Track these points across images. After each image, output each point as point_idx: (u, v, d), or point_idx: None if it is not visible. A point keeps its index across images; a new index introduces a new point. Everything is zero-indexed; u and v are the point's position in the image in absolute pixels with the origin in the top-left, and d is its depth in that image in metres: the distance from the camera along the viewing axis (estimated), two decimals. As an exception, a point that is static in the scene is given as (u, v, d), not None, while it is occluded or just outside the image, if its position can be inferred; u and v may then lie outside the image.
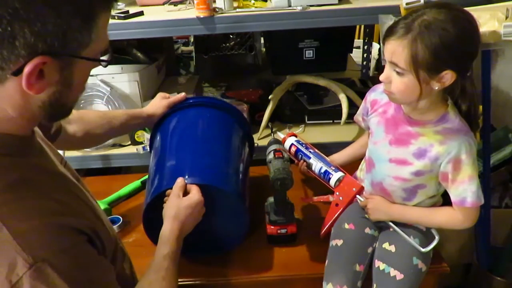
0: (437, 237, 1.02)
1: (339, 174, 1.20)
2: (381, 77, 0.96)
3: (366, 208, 1.13)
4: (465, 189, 0.98)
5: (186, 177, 1.03)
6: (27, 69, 0.56)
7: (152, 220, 1.05)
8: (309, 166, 1.26)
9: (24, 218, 0.60)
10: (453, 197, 1.01)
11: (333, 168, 1.22)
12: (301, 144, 1.31)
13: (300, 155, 1.29)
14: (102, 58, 0.68)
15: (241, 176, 1.16)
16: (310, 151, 1.28)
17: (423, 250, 1.02)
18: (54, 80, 0.60)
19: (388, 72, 0.94)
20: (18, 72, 0.56)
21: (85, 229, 0.68)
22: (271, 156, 1.17)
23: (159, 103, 1.25)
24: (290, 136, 1.35)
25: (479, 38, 0.92)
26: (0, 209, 0.58)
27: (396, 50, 0.89)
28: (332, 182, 1.21)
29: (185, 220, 0.96)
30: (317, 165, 1.24)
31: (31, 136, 0.70)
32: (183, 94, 1.27)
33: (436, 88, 0.91)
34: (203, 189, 1.02)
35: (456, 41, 0.86)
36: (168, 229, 0.94)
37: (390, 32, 0.91)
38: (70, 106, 0.69)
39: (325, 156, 1.27)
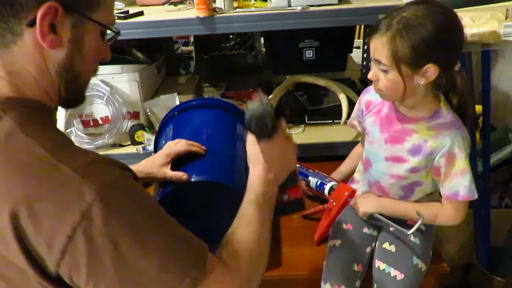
0: (421, 218, 1.01)
1: (332, 183, 1.27)
2: (369, 76, 0.98)
3: (355, 203, 1.13)
4: (458, 182, 0.99)
5: (194, 175, 1.04)
6: (40, 13, 0.59)
7: None
8: (307, 184, 1.34)
9: (78, 156, 0.62)
10: (445, 191, 1.01)
11: (327, 180, 1.29)
12: (302, 167, 1.40)
13: (301, 176, 1.36)
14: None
15: (246, 174, 1.17)
16: (309, 171, 1.37)
17: (409, 232, 1.01)
18: (66, 39, 0.63)
19: (375, 70, 0.96)
20: (33, 23, 0.60)
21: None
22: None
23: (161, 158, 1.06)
24: None
25: (461, 32, 0.93)
26: (55, 153, 0.60)
27: (377, 47, 0.92)
28: (326, 191, 1.27)
29: (270, 161, 0.86)
30: (313, 181, 1.32)
31: (55, 110, 0.72)
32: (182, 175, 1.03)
33: (422, 82, 0.93)
34: (211, 187, 1.03)
35: (434, 35, 0.87)
36: (253, 176, 0.87)
37: (373, 30, 0.93)
38: (84, 83, 0.71)
39: (324, 174, 1.34)
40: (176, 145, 1.08)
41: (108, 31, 0.70)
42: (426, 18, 0.87)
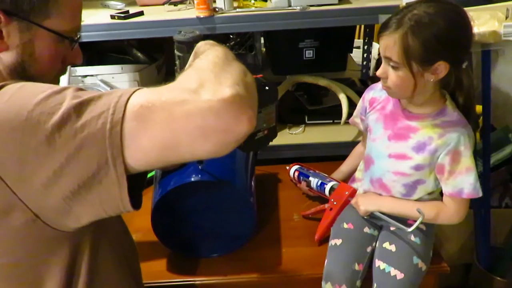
0: (422, 215, 1.01)
1: (332, 183, 1.27)
2: (378, 73, 0.98)
3: (356, 202, 1.13)
4: (463, 180, 0.99)
5: (194, 175, 1.04)
6: None
7: (160, 220, 1.08)
8: (308, 184, 1.33)
9: None
10: (449, 189, 1.01)
11: (328, 180, 1.29)
12: (303, 168, 1.40)
13: (301, 177, 1.37)
14: (72, 38, 0.71)
15: (248, 173, 1.19)
16: (309, 172, 1.37)
17: (409, 230, 1.01)
18: (13, 44, 0.65)
19: (384, 67, 0.96)
20: None
21: None
22: None
23: None
24: (294, 165, 1.42)
25: (471, 29, 0.94)
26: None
27: (388, 45, 0.92)
28: (327, 191, 1.27)
29: None
30: (314, 181, 1.32)
31: None
32: None
33: (431, 80, 0.94)
34: (212, 186, 1.04)
35: (445, 32, 0.89)
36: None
37: (383, 27, 0.94)
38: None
39: (324, 174, 1.34)
40: None
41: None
42: (438, 16, 0.88)
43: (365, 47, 2.05)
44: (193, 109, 0.52)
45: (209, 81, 0.55)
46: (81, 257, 0.68)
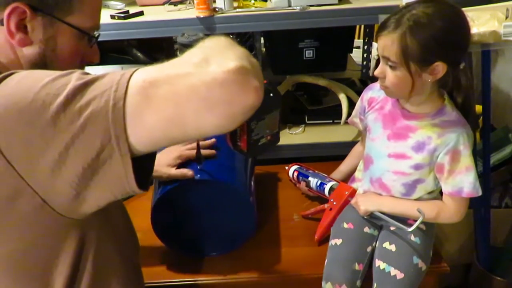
0: (422, 215, 1.01)
1: (332, 183, 1.27)
2: (376, 72, 0.98)
3: (356, 202, 1.13)
4: (462, 179, 0.99)
5: (195, 174, 1.05)
6: (5, 13, 0.62)
7: (160, 219, 1.08)
8: (308, 184, 1.33)
9: None
10: (448, 188, 1.02)
11: (328, 180, 1.29)
12: (302, 168, 1.40)
13: (301, 177, 1.37)
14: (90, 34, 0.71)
15: (247, 173, 1.19)
16: (309, 172, 1.37)
17: (409, 230, 1.01)
18: (37, 39, 0.66)
19: (382, 67, 0.97)
20: (3, 22, 0.63)
21: None
22: None
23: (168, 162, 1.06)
24: (293, 165, 1.42)
25: (469, 30, 0.95)
26: None
27: (387, 44, 0.93)
28: (326, 191, 1.27)
29: None
30: (313, 181, 1.32)
31: None
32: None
33: (429, 80, 0.94)
34: (211, 186, 1.04)
35: (444, 33, 0.89)
36: None
37: (382, 27, 0.94)
38: None
39: (324, 174, 1.34)
40: (187, 150, 1.08)
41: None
42: (436, 16, 0.89)
43: (365, 47, 2.05)
44: (197, 81, 0.52)
45: (214, 56, 0.55)
46: (87, 249, 0.68)
